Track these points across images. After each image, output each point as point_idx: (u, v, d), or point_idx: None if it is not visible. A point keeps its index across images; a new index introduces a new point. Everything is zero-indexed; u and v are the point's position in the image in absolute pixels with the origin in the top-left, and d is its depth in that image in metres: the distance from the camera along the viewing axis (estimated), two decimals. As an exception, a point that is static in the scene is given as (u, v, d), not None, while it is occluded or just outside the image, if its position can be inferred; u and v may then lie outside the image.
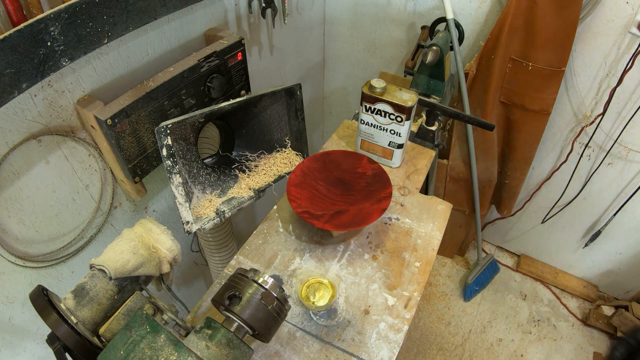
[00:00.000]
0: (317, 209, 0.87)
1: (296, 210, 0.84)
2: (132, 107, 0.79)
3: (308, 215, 0.84)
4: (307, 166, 0.93)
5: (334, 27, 1.63)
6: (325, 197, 0.92)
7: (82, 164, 0.85)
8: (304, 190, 0.90)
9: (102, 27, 0.68)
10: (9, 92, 0.59)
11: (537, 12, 1.12)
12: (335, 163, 0.96)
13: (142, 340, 0.46)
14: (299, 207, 0.86)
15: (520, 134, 1.37)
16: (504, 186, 1.56)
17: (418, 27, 1.43)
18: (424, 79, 1.27)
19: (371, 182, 0.92)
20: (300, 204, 0.86)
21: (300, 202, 0.87)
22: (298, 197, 0.88)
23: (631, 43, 1.15)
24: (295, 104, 0.96)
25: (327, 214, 0.86)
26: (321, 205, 0.89)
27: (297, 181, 0.90)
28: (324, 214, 0.86)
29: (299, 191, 0.89)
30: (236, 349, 0.50)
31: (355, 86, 1.78)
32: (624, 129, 1.30)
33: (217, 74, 0.94)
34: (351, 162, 0.96)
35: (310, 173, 0.93)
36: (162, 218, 1.13)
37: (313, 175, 0.93)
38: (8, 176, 0.73)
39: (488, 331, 1.70)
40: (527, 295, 1.82)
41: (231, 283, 0.54)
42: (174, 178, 0.79)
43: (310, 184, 0.92)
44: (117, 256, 0.56)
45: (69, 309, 0.52)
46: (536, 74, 1.21)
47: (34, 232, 0.81)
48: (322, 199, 0.91)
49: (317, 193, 0.91)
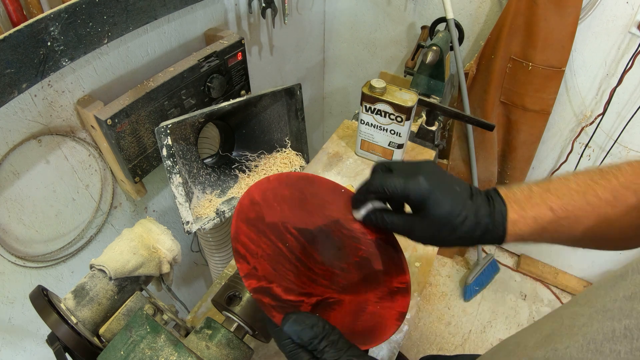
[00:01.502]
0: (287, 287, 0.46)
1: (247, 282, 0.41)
2: (132, 107, 0.79)
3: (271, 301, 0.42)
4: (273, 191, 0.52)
5: (334, 27, 1.63)
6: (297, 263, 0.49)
7: (82, 164, 0.85)
8: (262, 238, 0.47)
9: (102, 27, 0.68)
10: (9, 92, 0.59)
11: (537, 12, 1.12)
12: (319, 199, 0.55)
13: (142, 340, 0.46)
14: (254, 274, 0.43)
15: (520, 134, 1.37)
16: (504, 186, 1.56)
17: (418, 27, 1.43)
18: (424, 79, 1.27)
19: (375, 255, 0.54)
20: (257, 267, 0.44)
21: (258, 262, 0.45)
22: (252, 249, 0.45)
23: (631, 43, 1.15)
24: (295, 104, 0.96)
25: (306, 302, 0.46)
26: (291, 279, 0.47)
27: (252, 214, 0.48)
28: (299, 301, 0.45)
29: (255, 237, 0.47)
30: (236, 349, 0.50)
31: (355, 86, 1.78)
32: (624, 129, 1.30)
33: (217, 74, 0.94)
34: (343, 206, 0.55)
35: (277, 205, 0.51)
36: (162, 218, 1.13)
37: (281, 210, 0.52)
38: (8, 176, 0.73)
39: (488, 331, 1.70)
40: (527, 295, 1.82)
41: (231, 283, 0.54)
42: (174, 178, 0.79)
43: (273, 226, 0.50)
44: (117, 256, 0.56)
45: (69, 309, 0.52)
46: (536, 74, 1.21)
47: (34, 232, 0.81)
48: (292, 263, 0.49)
49: (284, 250, 0.49)
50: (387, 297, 0.50)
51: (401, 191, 0.44)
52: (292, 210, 0.53)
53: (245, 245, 0.45)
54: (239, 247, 0.44)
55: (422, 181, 0.44)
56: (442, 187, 0.44)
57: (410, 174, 0.45)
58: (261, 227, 0.48)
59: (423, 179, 0.44)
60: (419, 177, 0.44)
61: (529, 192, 0.44)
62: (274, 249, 0.48)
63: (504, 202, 0.44)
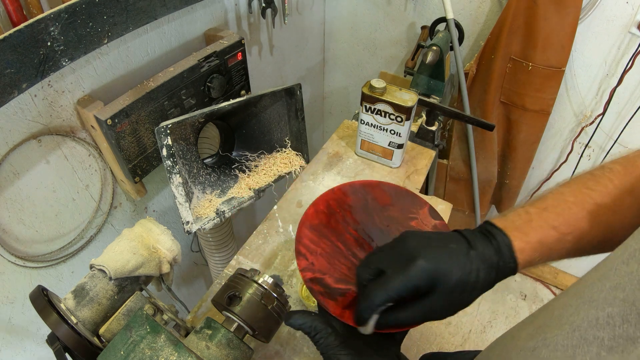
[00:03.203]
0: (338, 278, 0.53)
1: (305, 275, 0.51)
2: (132, 107, 0.79)
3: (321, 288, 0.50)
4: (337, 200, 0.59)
5: (334, 27, 1.63)
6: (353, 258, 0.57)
7: (82, 164, 0.85)
8: (322, 239, 0.56)
9: (102, 27, 0.68)
10: (9, 92, 0.59)
11: (537, 12, 1.12)
12: (380, 202, 0.61)
13: (142, 340, 0.46)
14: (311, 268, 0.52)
15: (520, 134, 1.37)
16: (504, 186, 1.56)
17: (418, 27, 1.43)
18: (424, 79, 1.27)
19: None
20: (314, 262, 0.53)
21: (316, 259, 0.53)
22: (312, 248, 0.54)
23: (631, 43, 1.15)
24: (295, 104, 0.96)
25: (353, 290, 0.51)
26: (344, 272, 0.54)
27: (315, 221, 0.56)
28: (347, 289, 0.51)
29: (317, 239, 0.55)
30: (236, 349, 0.50)
31: (355, 86, 1.78)
32: (624, 129, 1.30)
33: (217, 74, 0.94)
34: (404, 207, 0.61)
35: (340, 212, 0.59)
36: (162, 218, 1.13)
37: (343, 216, 0.59)
38: (8, 176, 0.73)
39: (488, 331, 1.70)
40: (527, 295, 1.82)
41: (231, 283, 0.54)
42: (174, 178, 0.79)
43: (334, 229, 0.57)
44: (117, 256, 0.56)
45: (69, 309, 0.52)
46: (536, 74, 1.21)
47: (34, 232, 0.81)
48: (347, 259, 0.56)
49: (342, 248, 0.57)
50: None
51: (411, 290, 0.40)
52: (355, 215, 0.60)
53: (307, 246, 0.53)
54: (301, 248, 0.53)
55: (423, 264, 0.40)
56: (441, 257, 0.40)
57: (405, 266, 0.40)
58: (323, 231, 0.56)
59: (422, 261, 0.40)
60: (417, 262, 0.40)
61: (527, 216, 0.42)
62: (332, 248, 0.55)
63: (505, 233, 0.41)
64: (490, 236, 0.42)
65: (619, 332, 0.25)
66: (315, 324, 0.44)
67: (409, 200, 0.61)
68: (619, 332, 0.25)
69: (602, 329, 0.26)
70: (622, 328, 0.25)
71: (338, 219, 0.58)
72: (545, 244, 0.41)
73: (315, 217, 0.57)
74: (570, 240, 0.42)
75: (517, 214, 0.43)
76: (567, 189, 0.44)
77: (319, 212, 0.57)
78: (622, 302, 0.26)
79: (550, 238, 0.41)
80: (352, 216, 0.59)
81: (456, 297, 0.40)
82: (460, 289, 0.40)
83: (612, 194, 0.41)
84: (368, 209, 0.60)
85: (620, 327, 0.25)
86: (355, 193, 0.61)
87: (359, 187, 0.61)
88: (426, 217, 0.61)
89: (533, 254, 0.41)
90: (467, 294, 0.40)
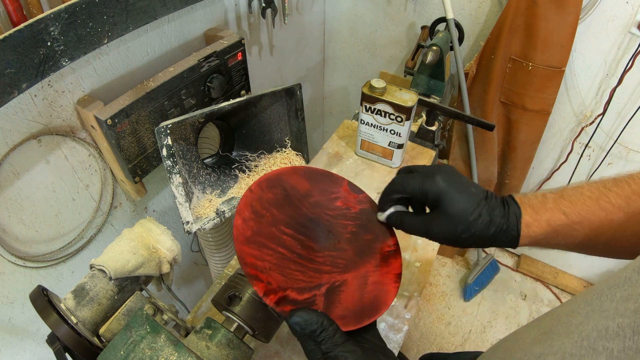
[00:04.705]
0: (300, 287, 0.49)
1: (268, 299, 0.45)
2: (132, 107, 0.79)
3: (292, 306, 0.46)
4: (259, 200, 0.54)
5: (334, 27, 1.63)
6: (300, 260, 0.52)
7: (82, 164, 0.85)
8: (264, 250, 0.50)
9: (102, 27, 0.68)
10: (9, 92, 0.59)
11: (537, 12, 1.12)
12: (300, 190, 0.58)
13: (142, 340, 0.46)
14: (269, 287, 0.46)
15: (520, 134, 1.37)
16: (504, 186, 1.56)
17: (418, 27, 1.43)
18: (424, 79, 1.27)
19: (362, 226, 0.57)
20: (270, 280, 0.47)
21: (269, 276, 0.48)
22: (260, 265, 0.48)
23: (631, 43, 1.15)
24: (295, 104, 0.96)
25: (318, 294, 0.49)
26: (300, 278, 0.50)
27: (248, 232, 0.50)
28: (312, 295, 0.49)
29: (258, 252, 0.49)
30: (236, 349, 0.50)
31: (355, 86, 1.78)
32: (624, 129, 1.30)
33: (217, 74, 0.94)
34: (324, 188, 0.59)
35: (266, 212, 0.54)
36: (162, 218, 1.13)
37: (271, 215, 0.54)
38: (8, 176, 0.73)
39: (488, 331, 1.70)
40: (527, 295, 1.82)
41: (231, 283, 0.54)
42: (174, 178, 0.79)
43: (269, 234, 0.52)
44: (117, 256, 0.56)
45: (69, 309, 0.52)
46: (536, 74, 1.22)
47: (34, 232, 0.81)
48: (296, 263, 0.52)
49: (285, 253, 0.52)
50: (382, 264, 0.55)
51: (419, 189, 0.48)
52: (280, 210, 0.55)
53: (253, 265, 0.48)
54: (249, 270, 0.47)
55: (439, 180, 0.47)
56: (457, 186, 0.47)
57: (429, 174, 0.48)
58: (260, 240, 0.51)
59: (440, 178, 0.47)
60: (437, 176, 0.48)
61: (543, 198, 0.46)
62: (277, 256, 0.51)
63: (519, 205, 0.46)
64: (505, 203, 0.47)
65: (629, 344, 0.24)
66: (322, 320, 0.42)
67: (326, 180, 0.60)
68: (629, 344, 0.24)
69: (611, 340, 0.25)
70: (633, 340, 0.24)
71: (268, 221, 0.53)
72: (552, 225, 0.44)
73: (246, 227, 0.51)
74: (578, 230, 0.44)
75: (536, 195, 0.47)
76: (587, 185, 0.46)
77: (247, 221, 0.51)
78: (633, 313, 0.25)
79: (558, 221, 0.44)
80: (279, 214, 0.55)
81: (451, 224, 0.46)
82: (458, 219, 0.46)
83: (627, 196, 0.43)
84: (292, 201, 0.57)
85: (630, 338, 0.24)
86: (273, 186, 0.57)
87: (274, 179, 0.57)
88: (349, 194, 0.60)
89: (538, 231, 0.45)
90: (461, 227, 0.46)
